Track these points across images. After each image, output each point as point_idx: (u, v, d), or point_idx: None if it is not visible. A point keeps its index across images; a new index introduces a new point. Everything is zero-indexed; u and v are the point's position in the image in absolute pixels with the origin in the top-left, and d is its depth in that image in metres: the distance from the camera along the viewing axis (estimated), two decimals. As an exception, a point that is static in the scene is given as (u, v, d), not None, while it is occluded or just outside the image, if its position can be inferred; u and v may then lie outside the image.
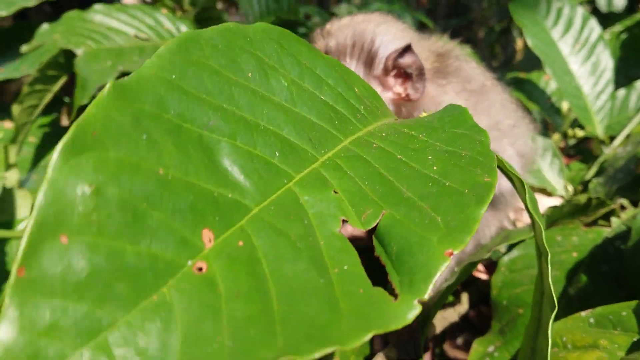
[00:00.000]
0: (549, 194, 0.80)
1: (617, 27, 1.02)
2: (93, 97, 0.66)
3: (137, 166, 0.24)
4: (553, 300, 0.33)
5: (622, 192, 0.71)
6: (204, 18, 0.83)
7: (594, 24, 0.89)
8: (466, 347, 0.68)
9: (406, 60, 0.54)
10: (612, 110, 0.85)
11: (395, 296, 0.26)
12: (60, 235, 0.21)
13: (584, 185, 0.82)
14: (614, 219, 0.65)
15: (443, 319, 0.57)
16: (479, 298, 0.63)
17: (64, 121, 0.85)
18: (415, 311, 0.25)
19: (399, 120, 0.45)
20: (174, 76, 0.29)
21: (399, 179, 0.33)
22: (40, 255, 0.20)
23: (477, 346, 0.49)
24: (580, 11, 0.90)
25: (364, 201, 0.31)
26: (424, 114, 0.50)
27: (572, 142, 0.89)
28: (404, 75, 0.55)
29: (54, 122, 0.83)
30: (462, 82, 0.58)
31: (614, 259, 0.57)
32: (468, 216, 0.28)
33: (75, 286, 0.20)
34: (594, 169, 0.77)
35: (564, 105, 0.92)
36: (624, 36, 0.98)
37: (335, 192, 0.31)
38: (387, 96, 0.56)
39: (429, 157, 0.35)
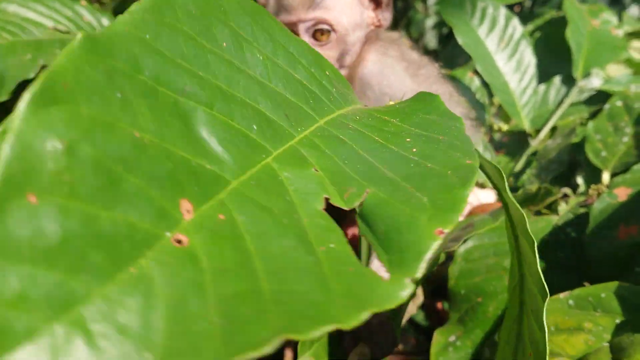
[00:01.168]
0: (481, 185, 0.82)
1: (530, 27, 1.09)
2: (14, 93, 0.61)
3: (112, 126, 0.22)
4: (544, 289, 0.32)
5: (556, 182, 0.74)
6: (122, 10, 0.79)
7: (516, 23, 0.96)
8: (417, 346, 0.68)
9: None
10: (535, 105, 0.92)
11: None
12: (28, 193, 0.18)
13: (515, 177, 0.85)
14: (561, 207, 0.67)
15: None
16: (433, 289, 0.64)
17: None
18: (408, 290, 0.24)
19: (368, 106, 0.44)
20: (147, 36, 0.26)
21: (379, 159, 0.32)
22: (6, 215, 0.17)
23: (438, 337, 0.48)
24: (504, 11, 0.97)
25: (346, 179, 0.29)
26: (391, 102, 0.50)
27: (497, 136, 0.93)
28: (375, 2, 0.58)
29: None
30: (400, 52, 0.61)
31: (567, 246, 0.60)
32: (455, 196, 0.28)
33: (46, 252, 0.18)
34: (522, 161, 0.81)
35: (487, 101, 0.98)
36: (537, 34, 1.05)
37: (316, 170, 0.29)
38: (366, 18, 0.57)
39: (407, 140, 0.34)
